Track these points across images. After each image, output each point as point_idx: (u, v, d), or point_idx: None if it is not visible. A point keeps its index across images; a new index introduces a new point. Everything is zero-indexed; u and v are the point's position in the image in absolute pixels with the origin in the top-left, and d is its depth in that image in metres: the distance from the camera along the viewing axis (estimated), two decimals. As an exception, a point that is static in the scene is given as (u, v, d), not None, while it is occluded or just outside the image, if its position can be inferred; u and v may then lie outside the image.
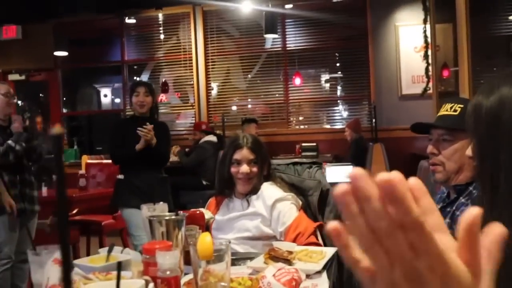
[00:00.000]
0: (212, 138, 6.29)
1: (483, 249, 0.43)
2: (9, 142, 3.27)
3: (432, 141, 1.70)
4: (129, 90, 3.86)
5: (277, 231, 2.14)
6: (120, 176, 3.78)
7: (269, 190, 2.22)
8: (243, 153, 2.21)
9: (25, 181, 3.42)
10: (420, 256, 0.41)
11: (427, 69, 6.26)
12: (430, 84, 6.17)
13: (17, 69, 8.10)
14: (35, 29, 7.67)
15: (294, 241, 2.04)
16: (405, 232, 0.41)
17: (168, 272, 1.30)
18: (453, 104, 1.67)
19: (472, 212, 0.43)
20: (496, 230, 0.44)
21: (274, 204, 2.15)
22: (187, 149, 6.60)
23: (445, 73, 6.37)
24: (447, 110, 1.68)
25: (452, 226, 1.57)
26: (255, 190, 2.22)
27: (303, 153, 5.91)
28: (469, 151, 1.16)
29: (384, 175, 0.41)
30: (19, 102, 3.44)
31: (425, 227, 0.41)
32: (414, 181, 0.44)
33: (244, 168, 2.19)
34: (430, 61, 6.14)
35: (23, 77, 8.45)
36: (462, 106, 1.64)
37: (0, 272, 3.30)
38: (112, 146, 3.85)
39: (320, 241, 2.18)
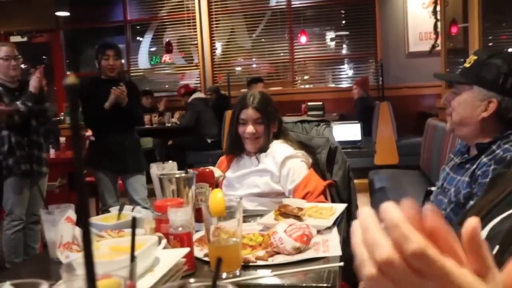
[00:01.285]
0: (198, 94, 6.45)
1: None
2: (17, 103, 3.26)
3: (447, 93, 1.71)
4: (95, 52, 3.79)
5: (286, 189, 2.15)
6: (93, 138, 3.80)
7: (279, 148, 2.21)
8: (248, 113, 2.20)
9: (33, 143, 3.42)
10: (428, 281, 0.42)
11: (435, 26, 6.13)
12: (439, 41, 6.06)
13: (18, 30, 8.01)
14: (36, -11, 7.55)
15: (303, 198, 2.04)
16: (409, 261, 0.42)
17: (180, 229, 1.31)
18: (472, 56, 1.64)
19: (471, 223, 0.43)
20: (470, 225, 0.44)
21: (284, 161, 2.15)
22: (183, 112, 6.73)
23: (454, 30, 6.24)
24: (468, 62, 1.65)
25: (471, 184, 1.56)
26: (264, 148, 2.22)
27: (309, 112, 5.87)
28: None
29: (384, 206, 0.44)
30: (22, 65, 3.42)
31: (427, 252, 0.41)
32: (427, 208, 0.45)
33: (249, 128, 2.18)
34: (438, 17, 6.01)
35: (25, 39, 8.36)
36: (475, 58, 1.61)
37: (12, 233, 3.36)
38: (84, 109, 3.81)
39: (329, 200, 2.19)
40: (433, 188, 1.94)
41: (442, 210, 1.66)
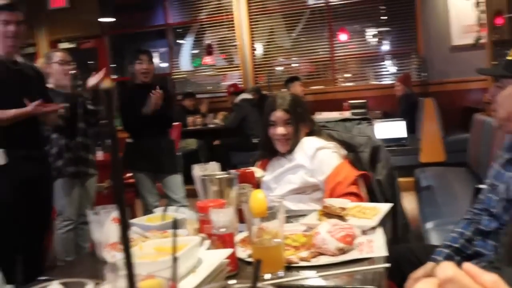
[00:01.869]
0: (246, 95, 6.45)
1: None
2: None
3: (491, 88, 1.64)
4: (132, 57, 3.87)
5: (319, 180, 2.13)
6: (129, 140, 3.88)
7: (309, 141, 2.20)
8: (277, 115, 2.20)
9: (80, 144, 3.51)
10: None
11: (479, 17, 5.95)
12: (483, 33, 5.88)
13: (66, 37, 8.27)
14: (81, -4, 7.77)
15: (333, 190, 2.02)
16: None
17: (222, 229, 1.32)
18: None
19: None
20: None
21: (315, 153, 2.14)
22: (226, 113, 6.79)
23: (499, 21, 6.03)
24: (509, 54, 1.58)
25: None
26: (294, 149, 2.21)
27: (352, 111, 5.81)
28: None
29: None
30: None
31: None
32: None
33: (279, 129, 2.19)
34: (482, 8, 5.82)
35: (73, 45, 8.62)
36: None
37: (64, 233, 3.46)
38: (123, 115, 3.92)
39: (362, 191, 2.14)
40: (481, 186, 1.88)
41: (492, 209, 1.60)
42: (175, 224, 1.00)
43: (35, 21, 7.77)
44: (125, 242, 0.56)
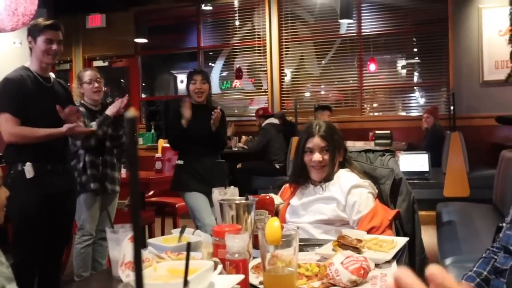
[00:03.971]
0: (273, 120, 6.50)
1: None
2: (92, 124, 3.43)
3: None
4: (186, 78, 3.91)
5: (351, 219, 2.12)
6: (179, 161, 3.84)
7: (346, 176, 2.20)
8: (315, 141, 2.21)
9: (106, 162, 3.58)
10: None
11: (512, 54, 5.90)
12: (515, 70, 5.82)
13: (101, 55, 8.51)
14: (117, 17, 8.01)
15: (368, 233, 2.00)
16: None
17: (236, 255, 1.33)
18: None
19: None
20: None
21: (350, 190, 2.13)
22: (250, 137, 6.83)
23: (532, 58, 5.98)
24: None
25: None
26: (329, 177, 2.21)
27: (376, 141, 5.79)
28: None
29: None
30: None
31: None
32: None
33: (316, 156, 2.19)
34: (516, 45, 5.79)
35: (106, 63, 8.86)
36: None
37: (82, 248, 3.51)
38: (172, 132, 3.93)
39: (394, 232, 2.13)
40: (504, 224, 1.85)
41: (510, 246, 1.58)
42: (189, 248, 1.02)
43: (72, 39, 8.02)
44: (138, 262, 0.58)
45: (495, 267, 1.64)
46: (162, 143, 6.42)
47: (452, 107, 5.71)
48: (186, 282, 0.84)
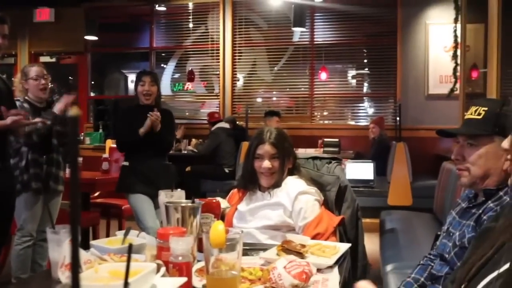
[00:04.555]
0: (223, 124, 6.51)
1: None
2: (37, 119, 3.31)
3: (457, 147, 1.68)
4: (135, 78, 3.87)
5: (297, 225, 2.15)
6: (125, 163, 3.81)
7: (293, 183, 2.23)
8: (265, 148, 2.22)
9: (52, 160, 3.48)
10: None
11: (455, 69, 6.16)
12: (458, 85, 6.07)
13: (48, 51, 8.26)
14: (67, 13, 7.81)
15: (313, 239, 2.03)
16: None
17: (180, 258, 1.33)
18: (477, 107, 1.64)
19: None
20: None
21: (297, 196, 2.15)
22: (200, 140, 6.83)
23: (474, 74, 6.26)
24: (472, 114, 1.64)
25: (476, 229, 1.55)
26: (277, 184, 2.23)
27: (325, 149, 5.89)
28: (505, 143, 1.14)
29: None
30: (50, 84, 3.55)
31: None
32: None
33: (266, 163, 2.21)
34: (458, 61, 6.04)
35: (53, 60, 8.60)
36: (486, 109, 1.61)
37: (22, 249, 3.38)
38: (118, 133, 3.90)
39: (338, 238, 2.17)
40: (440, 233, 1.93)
41: (445, 254, 1.65)
42: (130, 249, 1.00)
43: (18, 32, 7.75)
44: (75, 263, 0.57)
45: (431, 274, 1.70)
46: (110, 143, 6.29)
47: (398, 118, 5.91)
48: (126, 284, 0.83)
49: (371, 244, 4.07)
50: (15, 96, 3.31)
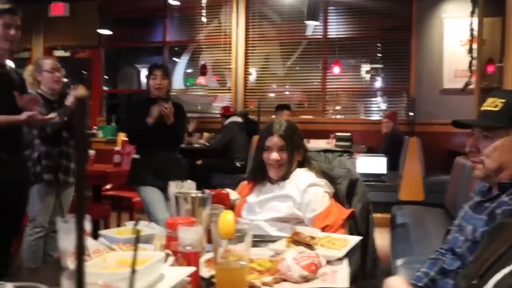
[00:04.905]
0: (236, 118, 6.49)
1: None
2: (51, 115, 3.34)
3: (472, 139, 1.65)
4: (147, 72, 3.87)
5: (305, 217, 2.14)
6: (136, 156, 3.81)
7: (303, 175, 2.22)
8: (274, 140, 2.22)
9: (62, 153, 3.50)
10: None
11: (470, 63, 6.08)
12: (473, 79, 6.00)
13: (62, 45, 8.31)
14: (82, 7, 7.84)
15: (321, 231, 2.02)
16: None
17: (188, 248, 1.32)
18: (495, 99, 1.60)
19: None
20: None
21: (307, 188, 2.14)
22: (213, 134, 6.82)
23: (490, 69, 6.17)
24: (488, 105, 1.61)
25: (489, 223, 1.53)
26: (286, 176, 2.23)
27: (337, 143, 5.86)
28: None
29: None
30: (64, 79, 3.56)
31: None
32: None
33: (274, 155, 2.21)
34: (474, 55, 5.96)
35: (68, 54, 8.66)
36: (504, 101, 1.58)
37: (33, 240, 3.41)
38: (129, 126, 3.91)
39: (348, 231, 2.16)
40: (451, 227, 1.91)
41: (457, 248, 1.63)
42: (137, 238, 1.00)
43: (33, 27, 7.81)
44: (80, 250, 0.57)
45: (442, 268, 1.68)
46: (122, 136, 6.32)
47: (411, 113, 5.86)
48: (133, 271, 0.82)
49: (381, 239, 4.05)
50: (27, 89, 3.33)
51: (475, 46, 5.92)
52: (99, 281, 0.89)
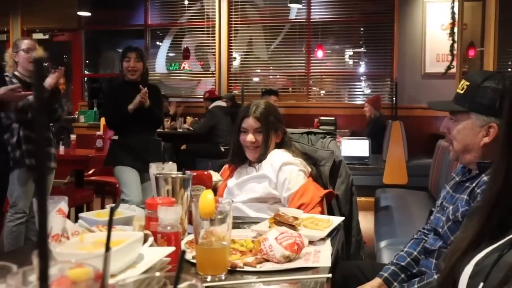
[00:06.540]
0: (220, 103, 6.44)
1: None
2: (30, 98, 3.26)
3: (445, 120, 1.67)
4: (120, 55, 3.84)
5: (281, 196, 2.13)
6: (115, 137, 3.83)
7: (278, 154, 2.21)
8: (249, 122, 2.21)
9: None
10: None
11: (452, 47, 6.10)
12: (454, 63, 6.02)
13: (41, 28, 8.14)
14: (60, -12, 7.68)
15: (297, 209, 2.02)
16: None
17: (168, 228, 1.30)
18: (464, 81, 1.61)
19: None
20: None
21: (281, 167, 2.13)
22: (196, 118, 6.76)
23: (471, 53, 6.20)
24: (459, 88, 1.63)
25: (469, 202, 1.54)
26: (262, 157, 2.21)
27: (321, 127, 5.86)
28: None
29: None
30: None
31: None
32: None
33: (249, 137, 2.20)
34: (455, 39, 5.98)
35: (46, 37, 8.49)
36: (468, 83, 1.58)
37: (14, 226, 3.36)
38: (106, 110, 3.90)
39: (325, 211, 2.15)
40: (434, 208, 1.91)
41: (439, 228, 1.63)
42: (112, 212, 0.97)
43: (11, 9, 7.63)
44: (42, 231, 0.53)
45: (425, 247, 1.69)
46: (104, 121, 6.24)
47: (394, 97, 5.86)
48: (108, 249, 0.79)
49: (366, 222, 4.07)
50: (5, 71, 3.25)
51: (456, 30, 5.94)
52: (73, 260, 0.86)
